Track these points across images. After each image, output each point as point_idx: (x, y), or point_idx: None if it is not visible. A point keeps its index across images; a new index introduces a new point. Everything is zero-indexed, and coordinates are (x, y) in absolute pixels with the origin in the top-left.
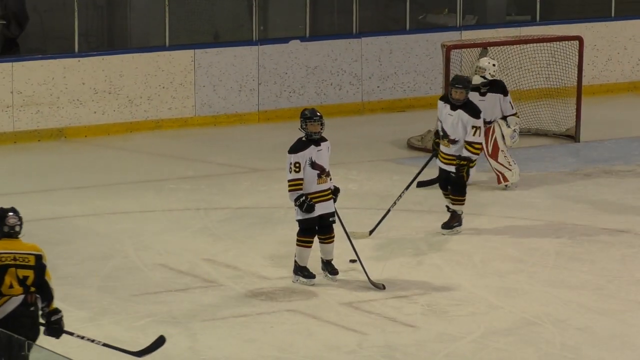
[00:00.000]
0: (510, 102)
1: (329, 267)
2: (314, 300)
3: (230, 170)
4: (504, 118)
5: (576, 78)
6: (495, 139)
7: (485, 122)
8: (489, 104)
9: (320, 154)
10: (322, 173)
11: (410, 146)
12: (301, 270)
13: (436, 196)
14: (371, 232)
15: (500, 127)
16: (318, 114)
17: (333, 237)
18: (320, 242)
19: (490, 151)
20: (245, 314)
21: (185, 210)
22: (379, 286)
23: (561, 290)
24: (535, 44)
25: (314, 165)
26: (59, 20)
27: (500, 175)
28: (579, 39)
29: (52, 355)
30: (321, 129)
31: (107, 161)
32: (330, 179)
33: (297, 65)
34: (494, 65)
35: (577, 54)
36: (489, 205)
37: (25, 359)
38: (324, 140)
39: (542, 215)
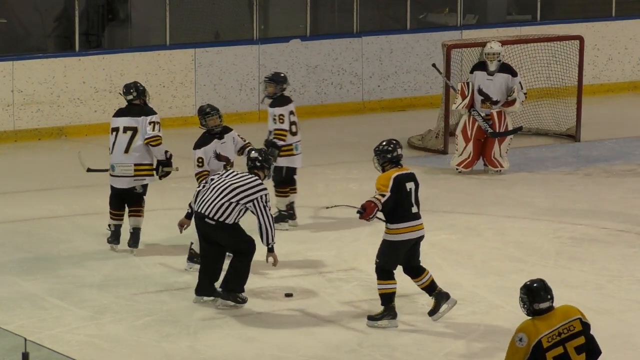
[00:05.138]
0: (520, 83)
1: None
2: (314, 299)
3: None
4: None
5: (577, 77)
6: (507, 125)
7: (493, 102)
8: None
9: (224, 146)
10: (228, 163)
11: (411, 145)
12: (197, 257)
13: (437, 196)
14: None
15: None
16: (215, 107)
17: None
18: None
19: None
20: (245, 313)
21: (185, 209)
22: None
23: (561, 290)
24: (535, 44)
25: (219, 157)
26: (60, 19)
27: (496, 160)
28: (580, 39)
29: (52, 355)
30: (220, 121)
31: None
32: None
33: (297, 65)
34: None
35: (577, 53)
36: (489, 205)
37: (26, 357)
38: (228, 131)
39: (542, 215)
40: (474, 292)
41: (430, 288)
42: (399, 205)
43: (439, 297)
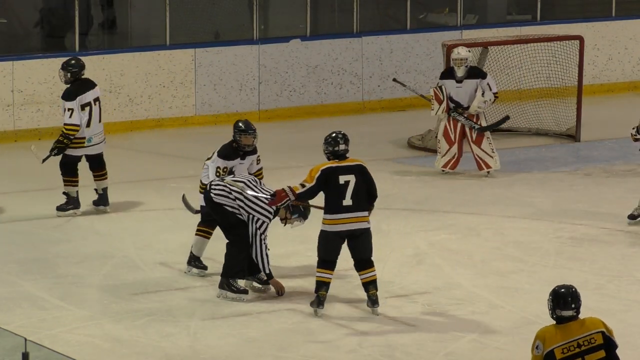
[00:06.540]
0: (488, 84)
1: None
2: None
3: None
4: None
5: (577, 78)
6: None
7: (464, 108)
8: (468, 89)
9: (241, 166)
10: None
11: (411, 145)
12: (195, 260)
13: (437, 196)
14: None
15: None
16: (252, 127)
17: None
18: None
19: (474, 137)
20: (245, 313)
21: (185, 209)
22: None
23: None
24: (535, 44)
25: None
26: (60, 19)
27: (481, 161)
28: (580, 39)
29: (52, 355)
30: (253, 141)
31: (108, 160)
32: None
33: (297, 65)
34: (468, 51)
35: (577, 53)
36: (489, 205)
37: (26, 357)
38: (253, 153)
39: (542, 215)
40: (474, 292)
41: (368, 287)
42: (329, 196)
43: (370, 300)
